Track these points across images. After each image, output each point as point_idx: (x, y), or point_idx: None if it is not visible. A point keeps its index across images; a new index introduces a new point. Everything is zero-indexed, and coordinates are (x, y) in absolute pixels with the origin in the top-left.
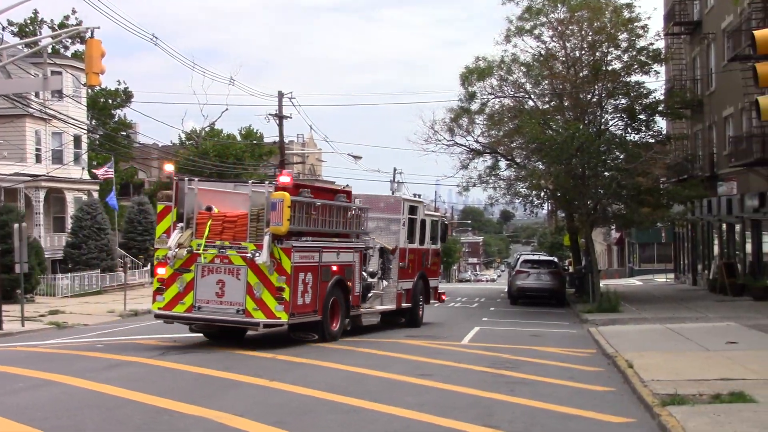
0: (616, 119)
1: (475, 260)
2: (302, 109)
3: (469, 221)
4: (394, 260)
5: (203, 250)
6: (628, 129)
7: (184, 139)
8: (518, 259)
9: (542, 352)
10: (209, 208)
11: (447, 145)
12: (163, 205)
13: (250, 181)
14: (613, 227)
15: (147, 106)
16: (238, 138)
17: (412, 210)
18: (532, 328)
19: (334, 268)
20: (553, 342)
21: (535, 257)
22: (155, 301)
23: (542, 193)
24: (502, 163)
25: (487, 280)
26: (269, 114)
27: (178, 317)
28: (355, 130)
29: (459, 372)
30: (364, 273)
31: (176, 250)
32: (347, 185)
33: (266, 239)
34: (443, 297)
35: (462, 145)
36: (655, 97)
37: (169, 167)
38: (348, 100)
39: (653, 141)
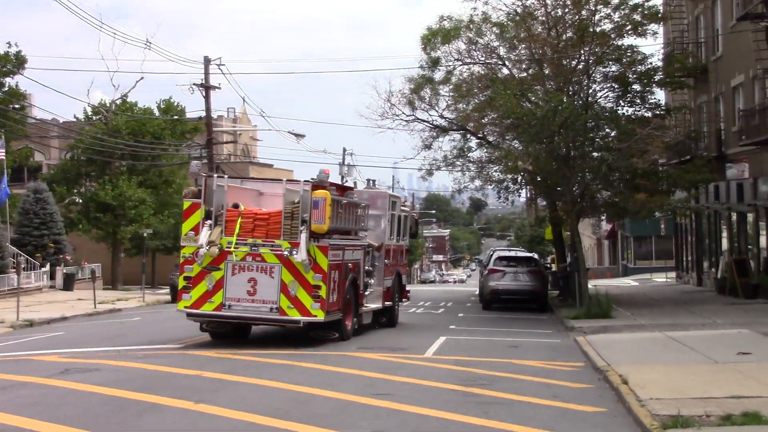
0: (606, 90)
1: (440, 257)
2: (233, 78)
3: (434, 211)
4: (379, 257)
5: (234, 247)
6: (620, 101)
7: (90, 113)
8: (491, 255)
9: (521, 366)
10: (236, 206)
11: (406, 121)
12: (190, 201)
13: (284, 180)
14: (603, 218)
15: (45, 74)
16: (156, 113)
17: (393, 205)
18: (508, 338)
19: (350, 265)
20: (534, 354)
21: (512, 254)
22: (181, 299)
23: (519, 178)
24: (472, 142)
25: (455, 281)
26: (194, 84)
27: (207, 315)
28: (297, 104)
29: (422, 391)
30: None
31: (208, 247)
32: (322, 175)
33: (303, 237)
34: (408, 294)
35: (424, 121)
36: (651, 64)
37: (196, 163)
38: (288, 67)
39: (650, 115)
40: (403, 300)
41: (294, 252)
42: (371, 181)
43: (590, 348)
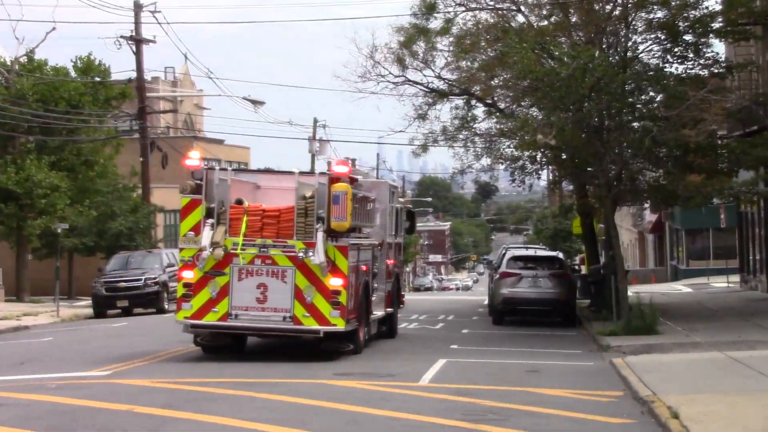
0: (650, 42)
1: (439, 258)
2: (173, 29)
3: (429, 198)
4: (381, 257)
5: (241, 249)
6: (668, 56)
7: None
8: (504, 255)
9: (542, 396)
10: (240, 201)
11: (394, 83)
12: (188, 198)
13: (296, 171)
14: (646, 206)
15: None
16: (73, 74)
17: (392, 196)
18: (526, 360)
19: (363, 267)
20: (559, 380)
21: (530, 253)
22: (180, 309)
23: (539, 155)
24: (479, 110)
25: (457, 288)
26: (121, 37)
27: (212, 327)
28: (255, 64)
29: (416, 428)
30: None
31: (211, 250)
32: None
33: (320, 236)
34: (404, 299)
35: (417, 84)
36: (708, 8)
37: (194, 154)
38: (243, 15)
39: (706, 74)
40: (401, 305)
41: (310, 253)
42: (350, 161)
43: (630, 372)
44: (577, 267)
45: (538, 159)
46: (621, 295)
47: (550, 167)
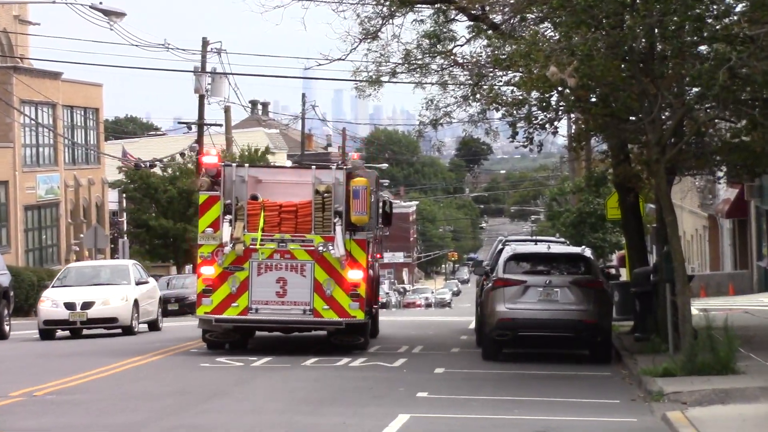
0: None
1: (399, 257)
2: None
3: (384, 165)
4: (374, 251)
5: (260, 244)
6: None
7: None
8: (500, 252)
9: None
10: (255, 197)
11: None
12: (206, 195)
13: (313, 166)
14: (721, 175)
15: None
16: None
17: (377, 187)
18: (534, 416)
19: (370, 260)
20: None
21: (541, 249)
22: (201, 305)
23: (554, 98)
24: (461, 26)
25: (428, 305)
26: None
27: (233, 321)
28: None
29: None
30: None
31: (232, 245)
32: (355, 162)
33: (339, 230)
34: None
35: None
36: None
37: (212, 151)
38: None
39: None
40: (377, 303)
41: (330, 247)
42: (260, 107)
43: None
44: (613, 271)
45: (553, 104)
46: (681, 314)
47: (571, 116)
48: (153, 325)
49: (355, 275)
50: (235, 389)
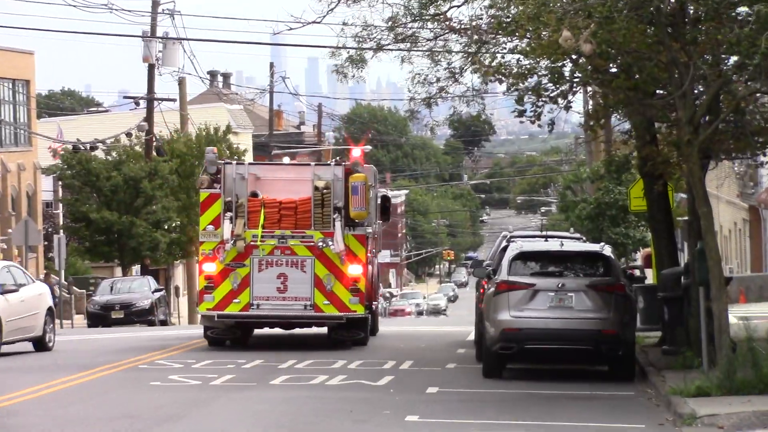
0: None
1: (386, 256)
2: None
3: (368, 146)
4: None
5: (260, 240)
6: None
7: None
8: (505, 250)
9: None
10: (255, 194)
11: None
12: (207, 192)
13: (312, 163)
14: (765, 159)
15: None
16: None
17: (376, 182)
18: None
19: (369, 256)
20: None
21: (552, 246)
22: (203, 301)
23: (567, 68)
24: None
25: (419, 312)
26: None
27: (235, 317)
28: None
29: None
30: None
31: (233, 242)
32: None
33: (338, 226)
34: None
35: None
36: None
37: (211, 150)
38: None
39: None
40: (377, 300)
41: (329, 242)
42: (220, 79)
43: None
44: (637, 272)
45: (566, 74)
46: (717, 323)
47: (587, 89)
48: (39, 344)
49: (354, 270)
50: (191, 412)
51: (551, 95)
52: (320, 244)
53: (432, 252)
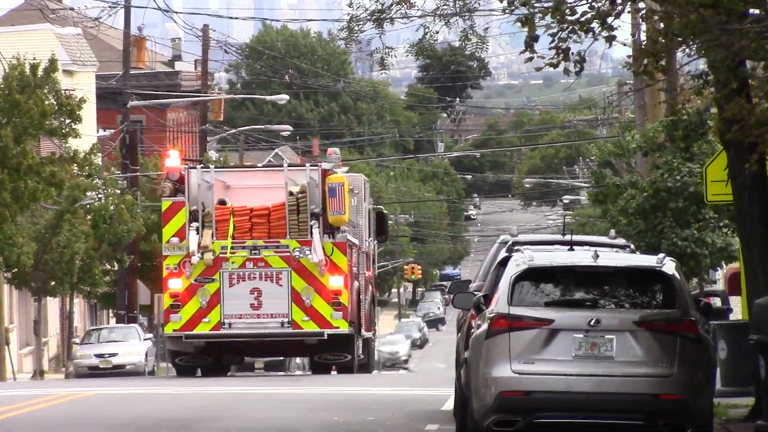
0: None
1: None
2: None
3: (284, 97)
4: (361, 264)
5: (230, 252)
6: None
7: None
8: (502, 263)
9: None
10: (223, 202)
11: None
12: (169, 201)
13: (285, 164)
14: None
15: None
16: None
17: (366, 194)
18: None
19: (355, 271)
20: None
21: (580, 259)
22: (168, 321)
23: None
24: None
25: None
26: None
27: (204, 336)
28: None
29: None
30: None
31: (200, 254)
32: (330, 158)
33: (316, 233)
34: (377, 327)
35: None
36: None
37: (173, 154)
38: None
39: None
40: (373, 330)
41: (307, 252)
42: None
43: None
44: (717, 302)
45: None
46: None
47: (639, 6)
48: None
49: (336, 282)
50: None
51: (582, 19)
52: (297, 254)
53: (387, 267)
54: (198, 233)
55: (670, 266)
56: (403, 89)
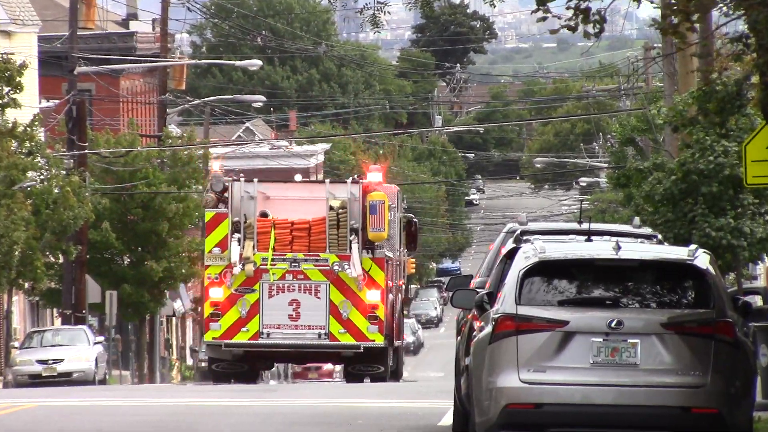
0: None
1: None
2: None
3: (257, 63)
4: (395, 275)
5: (271, 264)
6: None
7: None
8: (509, 255)
9: None
10: (264, 214)
11: None
12: (213, 212)
13: (327, 180)
14: None
15: None
16: None
17: (400, 205)
18: None
19: (390, 284)
20: None
21: (600, 251)
22: (208, 330)
23: None
24: None
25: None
26: None
27: (243, 345)
28: None
29: None
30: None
31: (242, 265)
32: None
33: (355, 248)
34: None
35: None
36: None
37: (216, 166)
38: None
39: None
40: (401, 339)
41: (345, 266)
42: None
43: None
44: (758, 300)
45: None
46: None
47: None
48: None
49: (373, 296)
50: None
51: None
52: (336, 268)
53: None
54: (240, 244)
55: (703, 259)
56: (394, 53)
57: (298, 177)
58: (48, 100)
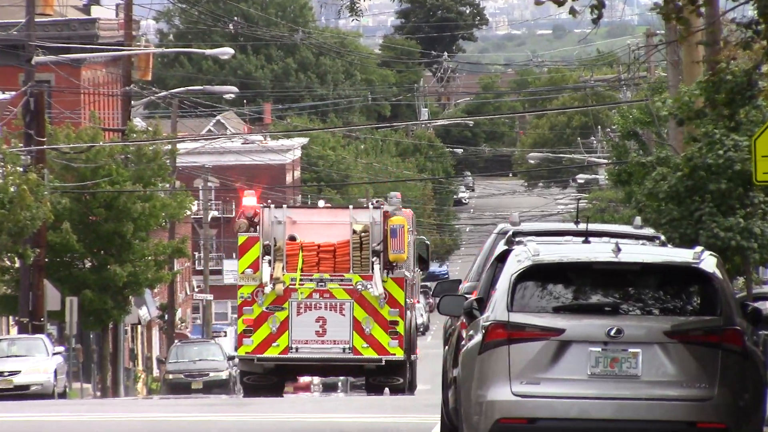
0: None
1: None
2: None
3: (229, 51)
4: (411, 294)
5: (299, 284)
6: None
7: None
8: (500, 258)
9: None
10: (293, 238)
11: None
12: (245, 236)
13: (350, 206)
14: None
15: None
16: None
17: (414, 227)
18: None
19: (408, 302)
20: None
21: (598, 254)
22: (242, 345)
23: None
24: None
25: (327, 386)
26: None
27: (274, 359)
28: None
29: None
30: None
31: (272, 285)
32: (394, 200)
33: (377, 269)
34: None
35: None
36: None
37: (251, 193)
38: None
39: None
40: (415, 354)
41: (368, 285)
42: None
43: None
44: None
45: None
46: None
47: None
48: None
49: (393, 313)
50: None
51: None
52: (359, 287)
53: None
54: (270, 266)
55: (709, 262)
56: (377, 41)
57: (321, 203)
58: (3, 92)
